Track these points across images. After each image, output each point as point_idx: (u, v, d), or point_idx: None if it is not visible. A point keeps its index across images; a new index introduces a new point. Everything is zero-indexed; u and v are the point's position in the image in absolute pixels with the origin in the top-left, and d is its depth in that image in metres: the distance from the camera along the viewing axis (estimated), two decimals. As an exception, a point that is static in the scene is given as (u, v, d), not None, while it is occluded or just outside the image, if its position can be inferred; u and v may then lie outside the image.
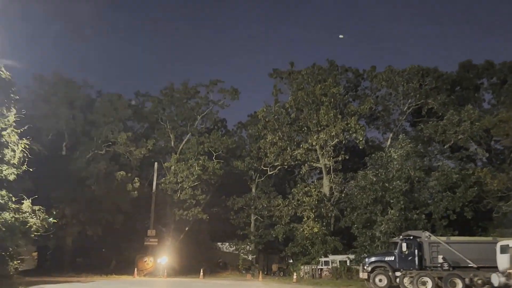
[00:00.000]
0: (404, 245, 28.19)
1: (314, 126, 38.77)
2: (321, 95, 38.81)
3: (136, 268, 37.73)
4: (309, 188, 42.15)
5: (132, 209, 41.02)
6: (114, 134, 38.47)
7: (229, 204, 50.60)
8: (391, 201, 33.82)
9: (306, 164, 41.72)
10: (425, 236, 28.57)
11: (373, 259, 29.14)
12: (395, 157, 35.61)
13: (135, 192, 38.11)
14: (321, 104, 38.81)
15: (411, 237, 28.66)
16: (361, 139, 37.27)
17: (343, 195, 40.32)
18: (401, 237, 29.24)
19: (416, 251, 28.06)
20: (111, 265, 41.99)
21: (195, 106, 47.20)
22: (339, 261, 38.59)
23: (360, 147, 39.59)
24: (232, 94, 46.80)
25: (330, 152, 39.70)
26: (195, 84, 47.26)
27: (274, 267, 50.69)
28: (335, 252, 40.42)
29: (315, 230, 40.46)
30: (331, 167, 40.65)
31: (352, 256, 37.79)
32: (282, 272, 48.35)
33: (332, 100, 38.33)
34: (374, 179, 34.43)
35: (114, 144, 39.43)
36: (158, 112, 46.86)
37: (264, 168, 50.23)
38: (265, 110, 42.14)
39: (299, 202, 41.65)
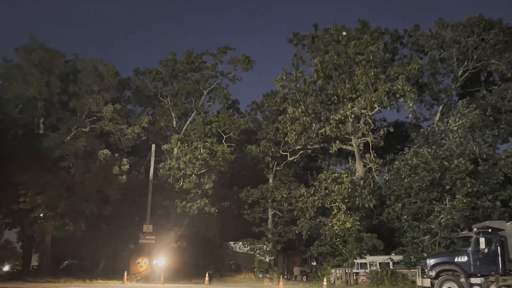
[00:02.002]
0: (482, 240, 20.15)
1: (347, 92, 30.79)
2: (355, 55, 30.84)
3: (126, 272, 30.30)
4: (339, 173, 34.30)
5: (123, 199, 33.69)
6: (98, 106, 31.07)
7: (242, 197, 43.00)
8: (453, 184, 25.70)
9: (337, 142, 33.64)
10: (510, 228, 20.56)
11: (437, 260, 21.09)
12: (455, 128, 27.49)
13: (124, 177, 30.74)
14: (355, 65, 30.88)
15: (490, 230, 20.62)
16: (411, 105, 29.19)
17: (385, 180, 32.22)
18: (475, 229, 21.18)
19: (498, 248, 20.09)
20: (98, 268, 34.66)
21: (201, 78, 39.62)
22: (380, 263, 30.84)
23: (410, 115, 31.43)
24: (244, 64, 39.17)
25: (369, 125, 31.69)
26: (201, 52, 39.73)
27: (296, 270, 42.97)
28: (374, 252, 32.63)
29: (348, 225, 32.91)
30: (370, 144, 32.54)
31: (397, 257, 29.86)
32: (305, 277, 40.75)
33: (371, 58, 30.30)
34: (430, 156, 26.32)
35: (101, 120, 32.10)
36: (157, 87, 39.39)
37: (283, 154, 42.50)
38: (284, 78, 34.34)
39: (328, 191, 33.78)
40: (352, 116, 30.78)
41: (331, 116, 31.25)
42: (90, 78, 31.94)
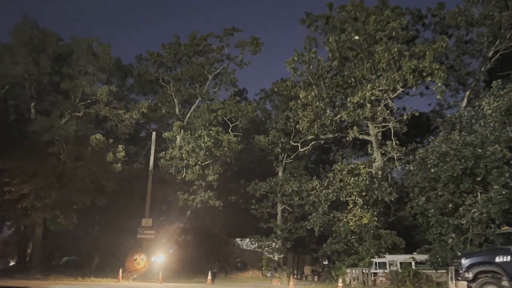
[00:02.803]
0: (531, 237, 17.25)
1: (366, 72, 27.72)
2: (375, 32, 27.76)
3: (121, 269, 27.63)
4: (356, 164, 31.29)
5: (120, 190, 31.04)
6: (93, 88, 28.38)
7: (249, 190, 40.13)
8: (487, 174, 22.60)
9: (354, 128, 30.58)
10: None
11: (475, 260, 18.05)
12: (489, 112, 24.35)
13: (119, 165, 28.02)
14: (375, 44, 27.81)
15: (540, 225, 17.66)
16: (439, 84, 26.02)
17: (406, 171, 29.08)
18: (521, 224, 18.17)
19: (550, 247, 17.27)
20: (92, 264, 32.04)
21: (206, 62, 36.76)
22: (400, 262, 27.93)
23: (438, 97, 28.26)
24: (252, 47, 36.28)
25: (391, 109, 28.61)
26: (206, 34, 36.90)
27: (307, 269, 40.12)
28: (393, 250, 29.67)
29: (365, 221, 30.05)
30: (392, 131, 29.44)
31: (420, 257, 26.89)
32: (316, 276, 37.94)
33: (393, 34, 27.19)
34: (461, 141, 23.20)
35: (95, 104, 29.45)
36: (159, 72, 36.59)
37: (294, 144, 39.56)
38: (296, 59, 31.34)
39: (343, 183, 30.79)
40: (373, 98, 27.67)
41: (349, 99, 28.16)
42: (84, 58, 29.26)
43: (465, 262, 18.02)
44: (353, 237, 30.45)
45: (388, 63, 26.49)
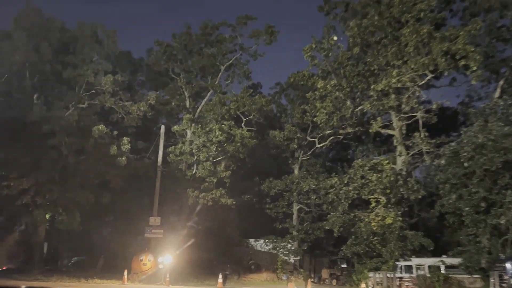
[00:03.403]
0: None
1: (392, 58, 25.37)
2: (401, 14, 25.42)
3: (126, 270, 25.79)
4: (379, 160, 29.02)
5: (127, 187, 29.27)
6: (97, 78, 26.63)
7: (264, 189, 38.07)
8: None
9: (378, 119, 28.24)
10: None
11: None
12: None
13: (124, 159, 26.19)
14: (401, 27, 25.45)
15: None
16: (475, 69, 23.57)
17: (436, 165, 26.63)
18: None
19: None
20: (97, 265, 30.31)
21: (218, 52, 34.82)
22: (429, 266, 25.59)
23: (473, 82, 25.77)
24: (267, 36, 34.21)
25: (419, 98, 26.24)
26: (218, 23, 34.95)
27: (325, 272, 37.81)
28: (419, 253, 27.30)
29: (389, 221, 27.78)
30: (420, 122, 26.99)
31: (452, 260, 24.51)
32: (335, 280, 35.61)
33: (421, 15, 24.81)
34: (500, 132, 20.77)
35: (100, 94, 27.73)
36: (169, 63, 34.74)
37: (311, 140, 37.39)
38: (313, 46, 29.16)
39: (364, 180, 28.52)
40: (399, 86, 25.33)
41: (372, 87, 25.87)
42: (89, 46, 27.56)
43: (510, 267, 15.76)
44: (375, 238, 28.22)
45: (416, 47, 24.14)
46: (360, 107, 28.49)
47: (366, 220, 28.59)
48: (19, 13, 28.10)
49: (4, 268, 31.78)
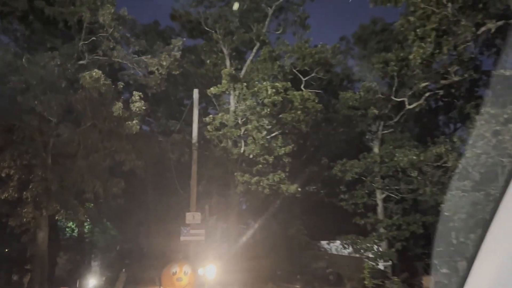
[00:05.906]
0: None
1: None
2: None
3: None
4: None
5: (150, 172, 21.06)
6: (96, 16, 18.64)
7: (335, 173, 28.59)
8: None
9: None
10: None
11: None
12: None
13: (135, 123, 17.80)
14: None
15: None
16: None
17: None
18: None
19: None
20: (117, 280, 22.14)
21: (262, -10, 26.03)
22: None
23: None
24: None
25: None
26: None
27: (427, 281, 27.58)
28: None
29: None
30: None
31: None
32: (440, 292, 25.40)
33: None
34: None
35: (103, 42, 19.67)
36: (200, 12, 26.42)
37: (398, 100, 27.49)
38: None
39: (500, 138, 18.40)
40: None
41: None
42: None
43: None
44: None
45: None
46: (485, 26, 18.40)
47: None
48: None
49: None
